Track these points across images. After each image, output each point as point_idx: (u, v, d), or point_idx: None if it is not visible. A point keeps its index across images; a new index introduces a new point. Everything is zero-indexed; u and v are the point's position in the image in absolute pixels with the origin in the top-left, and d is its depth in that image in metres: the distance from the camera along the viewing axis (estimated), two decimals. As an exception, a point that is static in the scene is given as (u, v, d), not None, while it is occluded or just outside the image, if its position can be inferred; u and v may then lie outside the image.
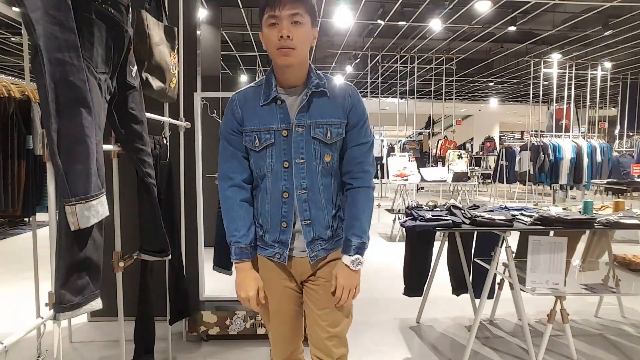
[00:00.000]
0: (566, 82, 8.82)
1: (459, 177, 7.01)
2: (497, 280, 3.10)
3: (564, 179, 7.68)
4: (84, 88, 1.29)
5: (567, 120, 9.04)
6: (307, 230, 1.41)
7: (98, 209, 1.34)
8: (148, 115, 1.98)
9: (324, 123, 1.38)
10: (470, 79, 14.34)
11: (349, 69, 12.54)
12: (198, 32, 3.10)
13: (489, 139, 15.65)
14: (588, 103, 9.41)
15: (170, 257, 2.18)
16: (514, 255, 2.63)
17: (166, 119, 2.51)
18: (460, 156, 8.42)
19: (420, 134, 13.66)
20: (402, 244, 3.36)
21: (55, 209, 1.34)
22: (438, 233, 2.86)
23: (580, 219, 2.63)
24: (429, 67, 11.36)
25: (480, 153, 15.44)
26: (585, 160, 7.67)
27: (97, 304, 1.39)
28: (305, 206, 1.40)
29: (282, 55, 1.31)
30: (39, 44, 1.18)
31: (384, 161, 8.96)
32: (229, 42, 10.29)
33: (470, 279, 3.16)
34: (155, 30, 2.12)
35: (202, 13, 5.83)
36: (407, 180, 6.55)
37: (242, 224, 1.43)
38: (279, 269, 1.47)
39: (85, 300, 1.35)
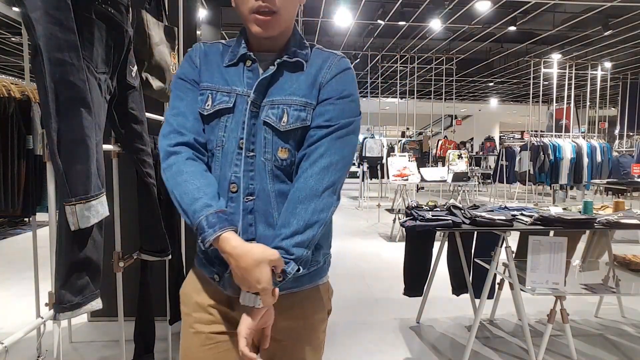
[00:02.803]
0: (566, 82, 8.82)
1: (459, 177, 7.02)
2: (497, 280, 3.10)
3: (564, 179, 7.67)
4: (84, 88, 1.29)
5: (567, 120, 9.05)
6: None
7: (98, 209, 1.34)
8: (148, 115, 1.98)
9: (280, 102, 0.98)
10: (470, 79, 14.36)
11: (349, 69, 12.53)
12: (198, 32, 3.10)
13: (489, 139, 15.64)
14: (588, 103, 9.40)
15: (170, 257, 2.18)
16: (514, 255, 2.63)
17: (166, 119, 2.50)
18: (460, 156, 8.42)
19: (420, 133, 13.65)
20: (402, 244, 3.36)
21: (55, 209, 1.34)
22: (438, 233, 2.87)
23: (580, 219, 2.64)
24: (429, 67, 11.35)
25: (480, 153, 15.43)
26: (585, 160, 7.66)
27: (97, 304, 1.40)
28: (250, 219, 0.98)
29: (259, 22, 0.96)
30: (39, 44, 1.18)
31: (384, 161, 8.97)
32: (229, 42, 10.29)
33: (470, 279, 3.16)
34: (155, 30, 2.12)
35: (202, 13, 5.82)
36: (407, 180, 6.56)
37: (204, 183, 0.96)
38: (223, 311, 1.04)
39: (85, 300, 1.35)
